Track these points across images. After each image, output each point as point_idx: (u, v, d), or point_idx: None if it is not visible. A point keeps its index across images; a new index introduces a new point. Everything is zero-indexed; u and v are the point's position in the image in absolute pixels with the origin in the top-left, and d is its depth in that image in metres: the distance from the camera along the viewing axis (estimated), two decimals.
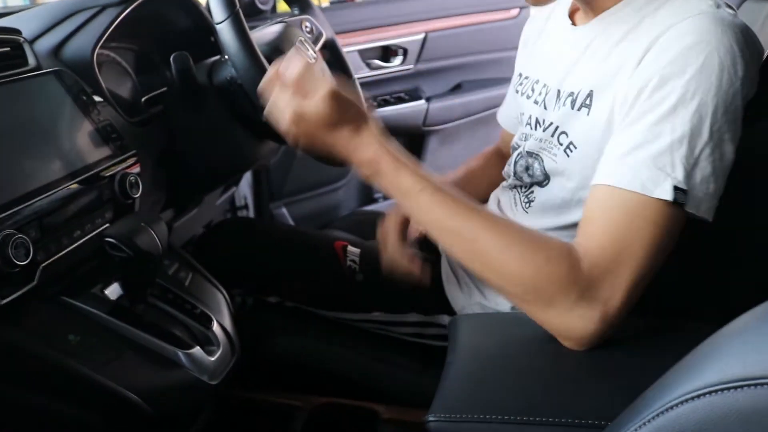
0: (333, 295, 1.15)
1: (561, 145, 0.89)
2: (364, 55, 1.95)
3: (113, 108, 1.04)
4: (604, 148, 0.78)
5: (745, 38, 0.74)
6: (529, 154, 0.96)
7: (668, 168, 0.72)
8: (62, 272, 0.85)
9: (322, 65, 1.19)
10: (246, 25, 0.96)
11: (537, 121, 0.96)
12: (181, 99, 1.12)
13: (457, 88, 2.21)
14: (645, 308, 0.76)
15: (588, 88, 0.85)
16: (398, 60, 2.02)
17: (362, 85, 1.91)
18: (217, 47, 1.43)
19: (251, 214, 1.91)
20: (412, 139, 2.17)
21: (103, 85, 1.05)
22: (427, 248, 1.11)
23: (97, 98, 1.01)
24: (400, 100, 2.06)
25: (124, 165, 0.96)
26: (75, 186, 0.87)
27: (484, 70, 2.23)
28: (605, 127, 0.81)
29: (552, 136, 0.90)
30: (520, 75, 1.06)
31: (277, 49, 1.08)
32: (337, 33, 1.38)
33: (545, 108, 0.94)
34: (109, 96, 1.05)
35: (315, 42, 1.26)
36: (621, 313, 0.73)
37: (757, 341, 0.37)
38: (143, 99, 1.16)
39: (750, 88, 0.75)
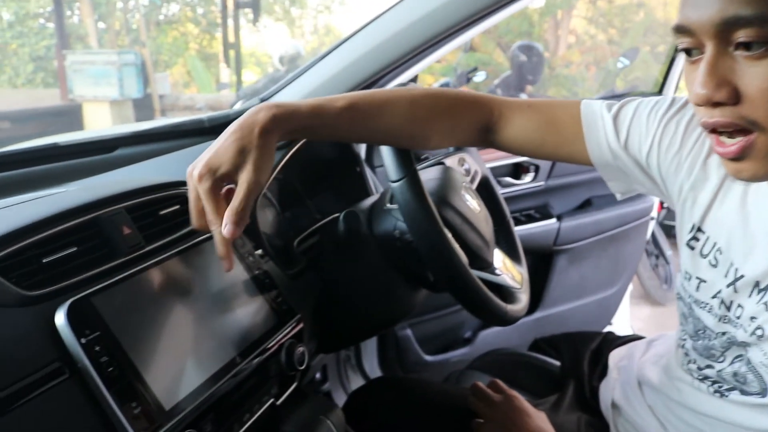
0: None
1: None
2: (495, 172, 1.88)
3: (273, 262, 0.99)
4: None
5: None
6: (750, 366, 0.81)
7: None
8: None
9: (486, 214, 1.11)
10: (423, 186, 0.90)
11: (731, 308, 0.81)
12: (338, 248, 1.06)
13: (586, 204, 2.10)
14: None
15: None
16: (529, 177, 1.93)
17: None
18: (360, 178, 1.39)
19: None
20: (541, 258, 2.06)
21: (264, 237, 1.00)
22: None
23: (258, 252, 0.97)
24: (530, 218, 1.97)
25: (289, 332, 0.89)
26: (246, 366, 0.80)
27: None
28: None
29: None
30: (694, 227, 0.86)
31: (443, 200, 1.02)
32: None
33: (736, 291, 0.79)
34: (270, 249, 1.00)
35: (471, 181, 1.19)
36: None
37: None
38: (295, 242, 1.11)
39: None
